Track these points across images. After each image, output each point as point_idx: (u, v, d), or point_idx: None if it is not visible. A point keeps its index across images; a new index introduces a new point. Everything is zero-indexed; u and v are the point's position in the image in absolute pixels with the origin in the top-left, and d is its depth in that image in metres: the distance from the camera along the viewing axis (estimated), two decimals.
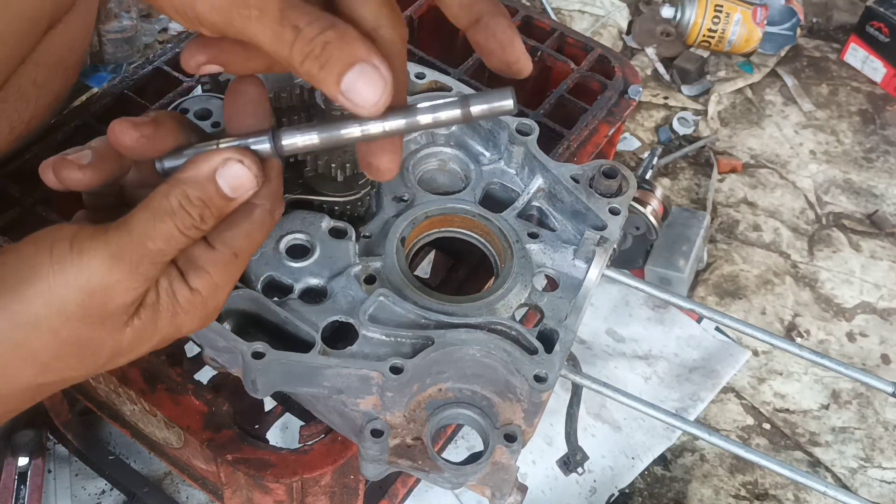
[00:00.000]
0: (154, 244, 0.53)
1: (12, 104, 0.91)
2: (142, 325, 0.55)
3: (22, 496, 1.12)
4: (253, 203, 0.56)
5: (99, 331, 0.53)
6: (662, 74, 1.92)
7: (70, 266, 0.52)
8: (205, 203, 0.54)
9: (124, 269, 0.52)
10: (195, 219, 0.54)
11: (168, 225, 0.53)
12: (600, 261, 0.79)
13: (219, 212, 0.55)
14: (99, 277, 0.52)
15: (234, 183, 0.54)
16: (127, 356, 0.56)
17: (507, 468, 0.74)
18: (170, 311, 0.56)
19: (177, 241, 0.53)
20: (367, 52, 0.52)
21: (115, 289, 0.52)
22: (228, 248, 0.57)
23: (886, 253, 1.66)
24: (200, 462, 0.90)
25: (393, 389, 0.69)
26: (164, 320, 0.56)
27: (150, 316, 0.55)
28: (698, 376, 1.44)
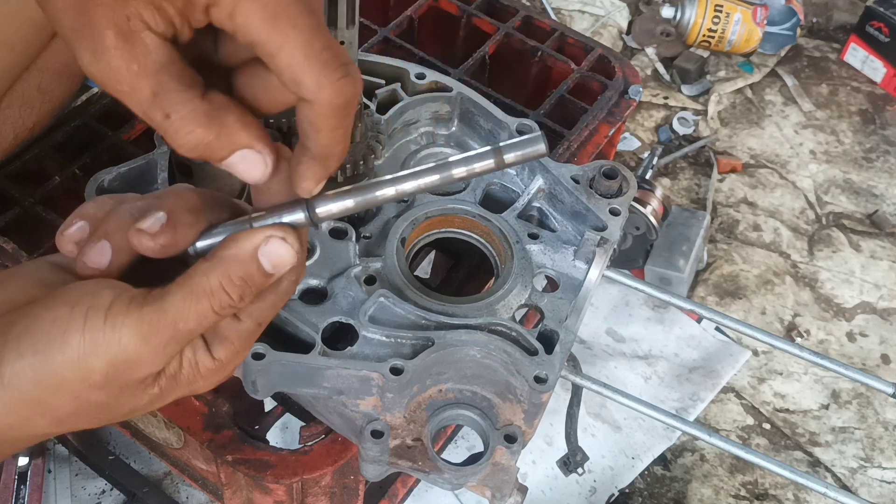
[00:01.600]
0: (186, 325, 0.51)
1: (17, 109, 0.91)
2: (160, 391, 0.54)
3: (22, 496, 1.12)
4: (277, 281, 0.54)
5: (118, 397, 0.53)
6: (662, 74, 1.92)
7: (101, 339, 0.51)
8: (246, 282, 0.52)
9: (152, 348, 0.51)
10: (234, 299, 0.52)
11: (204, 306, 0.51)
12: (600, 261, 0.79)
13: (258, 290, 0.53)
14: (127, 353, 0.51)
15: (276, 261, 0.52)
16: (141, 413, 0.57)
17: (508, 469, 0.74)
18: (190, 379, 0.55)
19: (209, 321, 0.52)
20: (248, 139, 0.51)
21: (141, 364, 0.51)
22: (254, 320, 0.55)
23: (886, 253, 1.66)
24: (200, 462, 0.90)
25: (393, 390, 0.69)
26: (182, 387, 0.55)
27: (169, 384, 0.54)
28: (698, 376, 1.44)
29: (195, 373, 0.55)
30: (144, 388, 0.54)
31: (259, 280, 0.52)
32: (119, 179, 0.78)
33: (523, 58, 1.15)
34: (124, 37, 0.47)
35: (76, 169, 0.95)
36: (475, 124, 0.89)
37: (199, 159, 0.52)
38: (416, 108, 0.88)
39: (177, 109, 0.49)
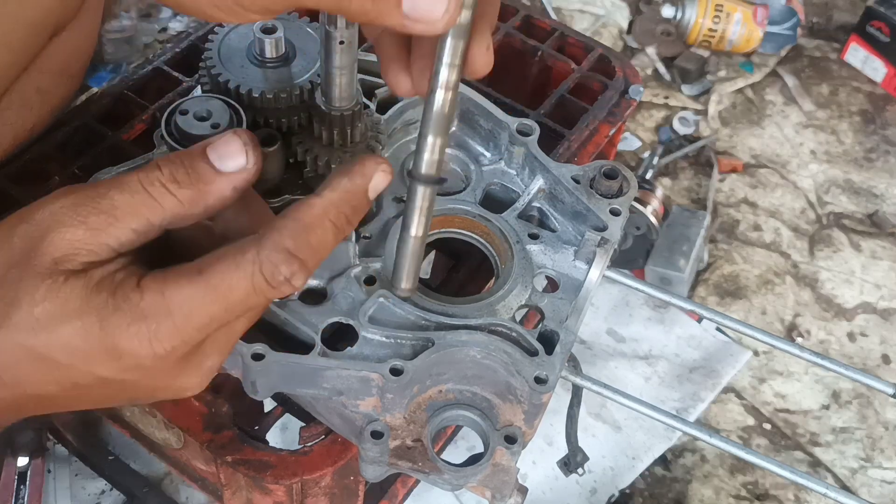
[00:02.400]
0: (108, 191, 0.49)
1: (16, 111, 0.91)
2: (62, 286, 0.49)
3: (22, 496, 1.12)
4: (250, 238, 0.51)
5: (22, 270, 0.49)
6: (663, 74, 1.92)
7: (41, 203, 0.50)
8: (183, 162, 0.50)
9: (71, 209, 0.49)
10: (164, 174, 0.50)
11: (131, 177, 0.49)
12: (601, 262, 0.79)
13: (197, 179, 0.50)
14: (50, 214, 0.49)
15: (221, 150, 0.51)
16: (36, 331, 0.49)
17: (508, 469, 0.74)
18: (101, 298, 0.49)
19: (138, 198, 0.49)
20: None
21: (56, 225, 0.49)
22: (199, 263, 0.50)
23: (887, 253, 1.66)
24: (200, 463, 0.90)
25: (393, 391, 0.69)
26: (89, 302, 0.49)
27: (77, 284, 0.49)
28: (699, 376, 1.44)
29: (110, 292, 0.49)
30: (52, 268, 0.49)
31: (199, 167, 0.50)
32: None
33: (523, 57, 1.15)
34: None
35: (76, 169, 0.95)
36: (475, 124, 0.89)
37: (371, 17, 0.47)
38: (416, 108, 0.88)
39: None
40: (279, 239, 0.50)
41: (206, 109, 0.72)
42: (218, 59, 0.78)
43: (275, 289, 0.50)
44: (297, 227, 0.51)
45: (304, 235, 0.51)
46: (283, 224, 0.51)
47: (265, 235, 0.50)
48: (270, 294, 0.51)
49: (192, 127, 0.71)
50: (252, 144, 0.51)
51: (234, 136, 0.51)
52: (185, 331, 0.50)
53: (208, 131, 0.71)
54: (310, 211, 0.51)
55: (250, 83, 0.77)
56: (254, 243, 0.50)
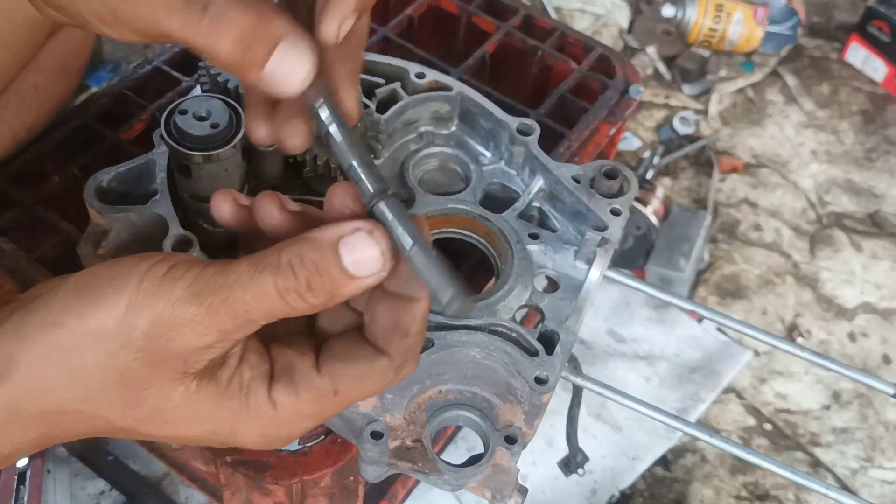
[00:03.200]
0: (244, 295, 0.46)
1: (14, 109, 0.91)
2: (195, 395, 0.49)
3: (21, 496, 1.12)
4: (382, 352, 0.51)
5: (152, 372, 0.48)
6: (663, 74, 1.92)
7: (152, 292, 0.46)
8: (317, 268, 0.47)
9: (201, 309, 0.46)
10: (300, 282, 0.47)
11: (267, 280, 0.46)
12: (601, 262, 0.79)
13: (331, 287, 0.47)
14: (173, 310, 0.46)
15: (357, 256, 0.47)
16: (166, 426, 0.50)
17: (508, 470, 0.73)
18: (233, 405, 0.49)
19: (270, 302, 0.47)
20: (288, 28, 0.48)
21: (185, 327, 0.46)
22: (332, 380, 0.50)
23: (887, 253, 1.66)
24: (200, 463, 0.90)
25: (393, 391, 0.69)
26: (222, 409, 0.49)
27: (209, 391, 0.49)
28: (699, 377, 1.43)
29: (243, 400, 0.49)
30: (182, 376, 0.48)
31: (334, 274, 0.47)
32: (118, 179, 0.77)
33: (524, 57, 1.15)
34: None
35: (75, 169, 0.95)
36: (475, 124, 0.88)
37: (241, 65, 0.48)
38: (416, 108, 0.88)
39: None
40: (415, 356, 0.52)
41: (205, 109, 0.72)
42: None
43: (392, 384, 0.52)
44: (419, 339, 0.52)
45: (421, 341, 0.52)
46: (412, 342, 0.51)
47: (403, 356, 0.51)
48: (386, 387, 0.53)
49: (191, 127, 0.71)
50: (388, 246, 0.48)
51: (374, 243, 0.48)
52: (305, 429, 0.53)
53: (208, 131, 0.71)
54: (424, 317, 0.51)
55: None
56: (391, 367, 0.51)
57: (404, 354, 0.51)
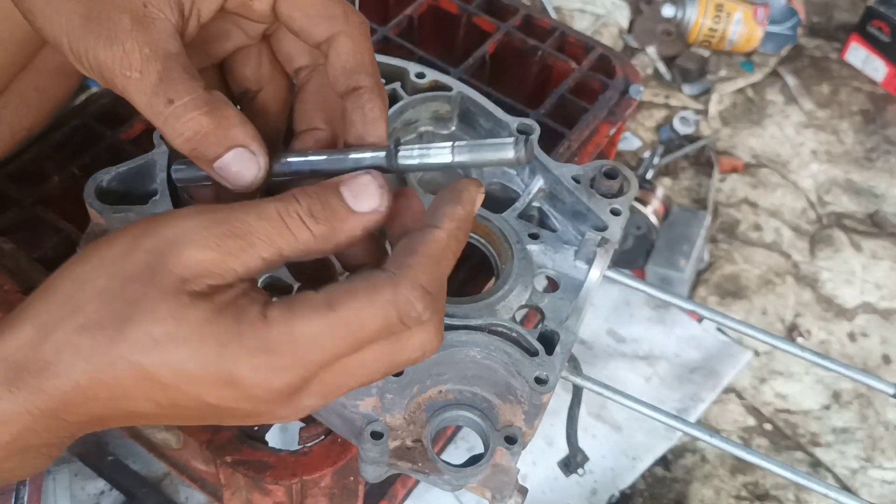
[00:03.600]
0: (246, 216, 0.48)
1: (13, 110, 0.91)
2: (187, 309, 0.47)
3: (21, 496, 1.12)
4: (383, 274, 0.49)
5: (147, 284, 0.47)
6: (663, 74, 1.92)
7: (162, 220, 0.49)
8: (319, 198, 0.49)
9: (203, 222, 0.48)
10: (302, 207, 0.49)
11: (269, 204, 0.49)
12: (601, 262, 0.79)
13: (333, 217, 0.49)
14: (177, 226, 0.48)
15: (357, 190, 0.50)
16: (154, 349, 0.47)
17: (508, 470, 0.73)
18: (224, 322, 0.48)
19: (273, 226, 0.48)
20: (245, 137, 0.52)
21: (186, 241, 0.47)
22: (327, 295, 0.49)
23: (887, 253, 1.66)
24: (199, 463, 0.90)
25: (393, 391, 0.69)
26: (212, 327, 0.47)
27: (201, 306, 0.47)
28: (699, 377, 1.43)
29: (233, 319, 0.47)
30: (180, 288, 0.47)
31: (335, 203, 0.49)
32: (118, 179, 0.77)
33: (524, 57, 1.15)
34: (140, 22, 0.51)
35: (75, 169, 0.95)
36: (475, 124, 0.88)
37: (191, 155, 0.52)
38: (415, 108, 0.88)
39: (181, 95, 0.51)
40: (414, 276, 0.49)
41: None
42: None
43: (407, 328, 0.49)
44: (430, 262, 0.50)
45: (436, 268, 0.50)
46: (417, 261, 0.49)
47: (401, 272, 0.49)
48: (399, 332, 0.49)
49: None
50: (387, 187, 0.51)
51: (369, 177, 0.51)
52: (308, 367, 0.48)
53: None
54: (440, 243, 0.51)
55: None
56: (389, 280, 0.49)
57: (403, 270, 0.49)
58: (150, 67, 0.50)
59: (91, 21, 0.50)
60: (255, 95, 0.64)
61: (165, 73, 0.50)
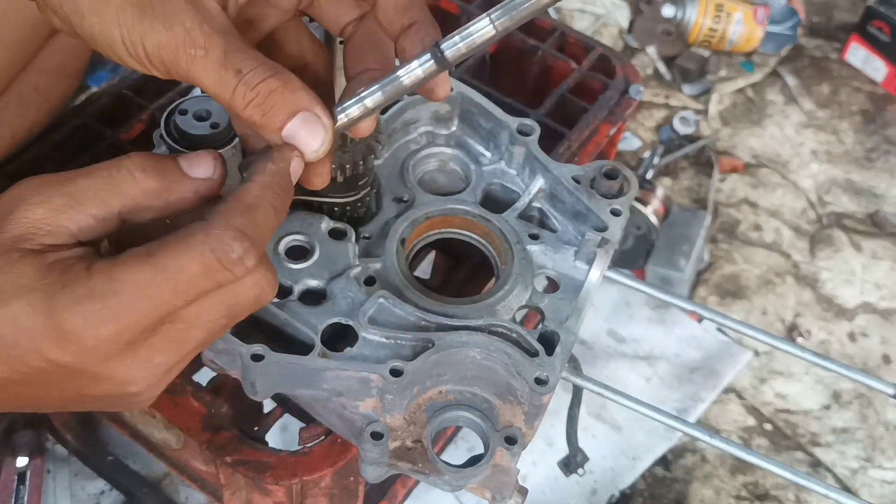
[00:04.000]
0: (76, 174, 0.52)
1: (14, 110, 0.91)
2: (16, 263, 0.49)
3: (21, 496, 1.12)
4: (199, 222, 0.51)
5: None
6: (663, 74, 1.92)
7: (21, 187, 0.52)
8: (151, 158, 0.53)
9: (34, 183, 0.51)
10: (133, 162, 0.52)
11: (100, 166, 0.52)
12: (601, 262, 0.79)
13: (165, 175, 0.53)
14: (24, 188, 0.51)
15: (191, 158, 0.54)
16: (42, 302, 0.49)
17: (508, 470, 0.73)
18: (52, 276, 0.49)
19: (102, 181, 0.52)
20: (310, 101, 0.53)
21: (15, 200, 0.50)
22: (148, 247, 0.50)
23: (887, 253, 1.66)
24: (200, 463, 0.90)
25: (393, 392, 0.69)
26: (40, 281, 0.49)
27: (31, 262, 0.49)
28: (699, 377, 1.43)
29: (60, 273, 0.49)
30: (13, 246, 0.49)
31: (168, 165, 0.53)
32: None
33: (524, 57, 1.15)
34: (193, 2, 0.52)
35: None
36: (475, 124, 0.88)
37: (261, 123, 0.53)
38: (416, 108, 0.88)
39: (248, 64, 0.52)
40: (227, 218, 0.50)
41: (205, 109, 0.72)
42: None
43: (226, 270, 0.50)
44: (242, 208, 0.51)
45: (250, 215, 0.51)
46: (228, 206, 0.51)
47: (213, 217, 0.51)
48: (221, 276, 0.50)
49: (191, 127, 0.71)
50: (221, 161, 0.55)
51: (206, 152, 0.55)
52: (131, 313, 0.49)
53: (208, 131, 0.71)
54: (250, 192, 0.52)
55: None
56: (202, 225, 0.50)
57: (215, 215, 0.51)
58: (213, 42, 0.51)
59: (145, 8, 0.51)
60: (301, 71, 0.63)
61: (229, 47, 0.52)
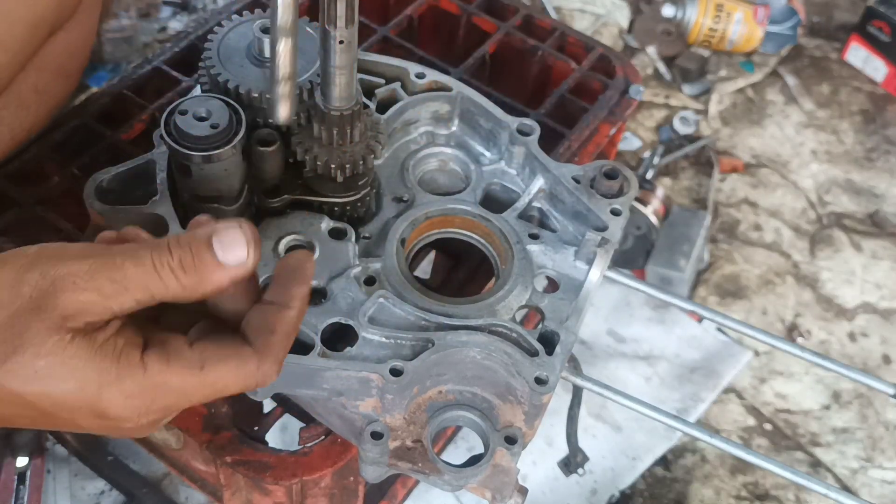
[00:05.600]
0: (123, 262, 0.52)
1: (13, 111, 0.91)
2: (68, 346, 0.52)
3: (21, 496, 1.12)
4: (250, 344, 0.57)
5: (31, 317, 0.51)
6: (663, 74, 1.92)
7: (50, 253, 0.53)
8: (191, 249, 0.54)
9: (84, 266, 0.52)
10: (174, 259, 0.53)
11: (146, 253, 0.53)
12: (601, 262, 0.79)
13: (201, 268, 0.54)
14: (61, 265, 0.52)
15: (226, 240, 0.54)
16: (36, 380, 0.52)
17: (508, 470, 0.73)
18: (104, 364, 0.53)
19: (146, 273, 0.53)
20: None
21: (68, 281, 0.51)
22: (200, 355, 0.55)
23: (887, 253, 1.66)
24: (200, 464, 0.90)
25: (393, 392, 0.69)
26: (92, 365, 0.53)
27: (82, 345, 0.52)
28: (699, 377, 1.43)
29: (115, 359, 0.53)
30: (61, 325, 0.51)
31: (204, 255, 0.54)
32: (118, 179, 0.77)
33: (524, 57, 1.15)
34: None
35: (75, 169, 0.95)
36: (475, 124, 0.88)
37: None
38: (415, 108, 0.88)
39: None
40: (276, 354, 0.57)
41: (205, 109, 0.72)
42: (217, 58, 0.78)
43: (257, 387, 0.58)
44: (286, 342, 0.58)
45: (288, 345, 0.58)
46: (276, 340, 0.57)
47: (266, 350, 0.56)
48: (249, 390, 0.58)
49: (191, 127, 0.71)
50: (255, 242, 0.55)
51: (239, 231, 0.55)
52: (172, 410, 0.57)
53: (208, 131, 0.71)
54: (291, 324, 0.58)
55: (250, 83, 0.77)
56: (255, 356, 0.56)
57: (267, 349, 0.57)
58: None
59: None
60: None
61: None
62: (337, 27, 0.68)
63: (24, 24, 0.83)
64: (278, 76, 0.64)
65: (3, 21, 0.80)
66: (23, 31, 0.84)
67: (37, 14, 0.58)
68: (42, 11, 0.85)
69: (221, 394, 0.56)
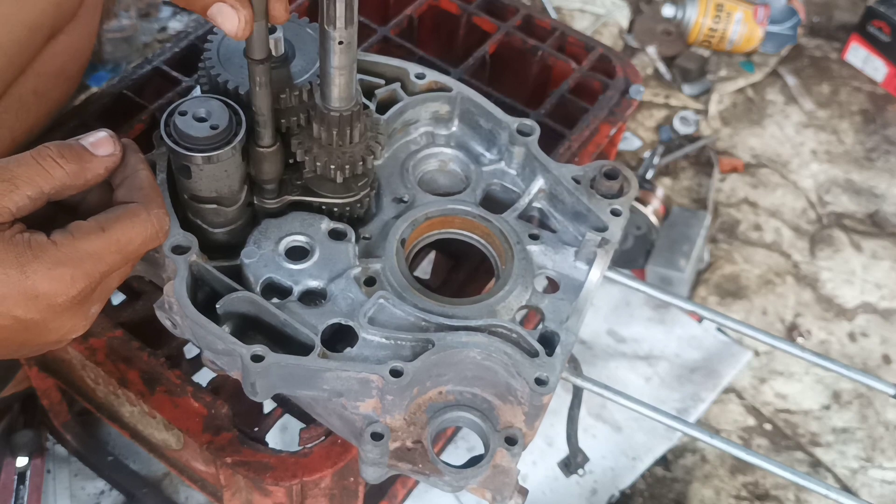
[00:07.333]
0: (7, 164, 0.60)
1: (13, 113, 0.91)
2: None
3: (21, 496, 1.12)
4: (134, 204, 0.65)
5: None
6: (663, 74, 1.92)
7: None
8: (67, 145, 0.63)
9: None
10: (53, 151, 0.62)
11: (26, 154, 0.62)
12: (602, 262, 0.79)
13: (78, 156, 0.63)
14: None
15: (94, 140, 0.65)
16: None
17: (508, 471, 0.73)
18: (17, 249, 0.59)
19: (31, 167, 0.61)
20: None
21: None
22: (97, 221, 0.63)
23: (887, 253, 1.66)
24: (200, 464, 0.90)
25: (393, 392, 0.69)
26: (7, 254, 0.59)
27: None
28: (699, 377, 1.43)
29: (24, 245, 0.60)
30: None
31: (78, 147, 0.64)
32: None
33: (524, 57, 1.15)
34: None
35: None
36: (475, 124, 0.88)
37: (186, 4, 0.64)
38: (415, 108, 0.88)
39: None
40: (156, 199, 0.67)
41: (205, 110, 0.72)
42: (217, 59, 0.78)
43: (161, 238, 0.66)
44: (155, 191, 0.67)
45: (157, 192, 0.68)
46: (148, 191, 0.66)
47: (146, 199, 0.66)
48: (155, 243, 0.66)
49: (191, 128, 0.71)
50: (116, 138, 0.67)
51: (103, 131, 0.66)
52: (93, 276, 0.63)
53: (207, 132, 0.71)
54: (149, 179, 0.68)
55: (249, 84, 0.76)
56: (141, 206, 0.65)
57: (147, 199, 0.66)
58: None
59: None
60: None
61: None
62: (336, 28, 0.68)
63: (22, 27, 0.83)
64: None
65: (3, 24, 0.80)
66: (23, 34, 0.83)
67: (35, 17, 0.60)
68: (40, 15, 0.85)
69: (129, 250, 0.64)
